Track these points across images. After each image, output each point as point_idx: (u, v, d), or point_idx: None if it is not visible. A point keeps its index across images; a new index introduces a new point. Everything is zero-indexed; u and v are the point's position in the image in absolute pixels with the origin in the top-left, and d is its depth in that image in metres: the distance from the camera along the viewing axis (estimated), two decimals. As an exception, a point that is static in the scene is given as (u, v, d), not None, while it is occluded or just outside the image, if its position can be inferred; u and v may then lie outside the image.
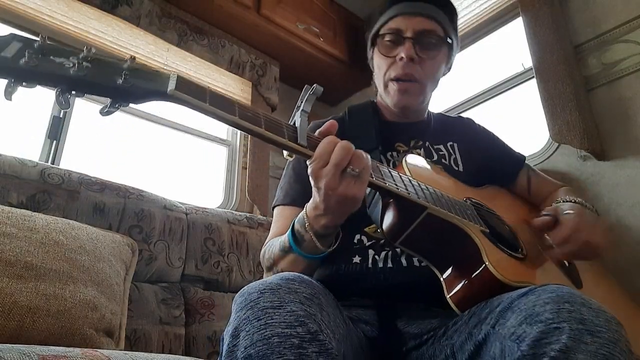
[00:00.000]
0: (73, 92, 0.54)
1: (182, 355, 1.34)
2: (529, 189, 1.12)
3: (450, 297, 0.73)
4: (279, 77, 2.36)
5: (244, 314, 0.56)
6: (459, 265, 0.74)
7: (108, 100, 0.56)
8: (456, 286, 0.73)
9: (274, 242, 0.85)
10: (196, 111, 0.59)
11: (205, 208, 1.70)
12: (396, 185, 0.70)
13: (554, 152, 1.66)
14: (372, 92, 1.15)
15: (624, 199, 1.46)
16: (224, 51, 2.15)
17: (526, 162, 1.15)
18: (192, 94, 0.58)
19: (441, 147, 1.04)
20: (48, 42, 0.53)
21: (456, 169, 1.01)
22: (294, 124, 0.68)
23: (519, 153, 1.17)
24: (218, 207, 1.99)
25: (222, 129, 2.33)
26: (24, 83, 0.51)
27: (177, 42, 1.99)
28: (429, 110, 1.13)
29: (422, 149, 1.02)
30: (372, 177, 0.68)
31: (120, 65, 0.56)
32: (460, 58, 2.21)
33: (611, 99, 1.57)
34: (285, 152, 0.67)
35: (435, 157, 1.01)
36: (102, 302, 1.06)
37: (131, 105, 0.57)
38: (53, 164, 1.55)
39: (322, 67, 2.40)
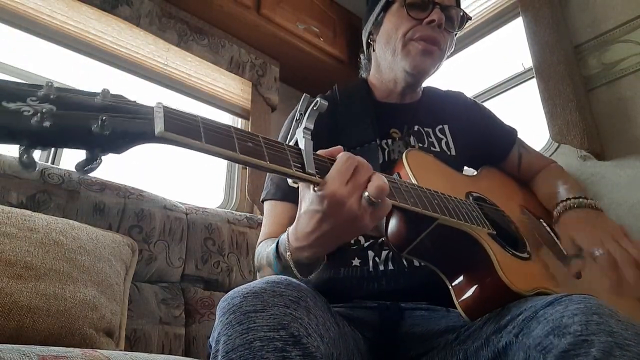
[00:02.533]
0: (39, 148, 0.42)
1: (182, 355, 1.34)
2: (519, 167, 1.10)
3: (459, 303, 0.72)
4: (279, 77, 2.36)
5: (227, 318, 0.55)
6: (468, 272, 0.73)
7: (83, 153, 0.44)
8: (466, 294, 0.72)
9: (264, 250, 0.80)
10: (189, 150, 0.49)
11: (205, 208, 1.69)
12: (406, 199, 0.66)
13: (554, 152, 1.66)
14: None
15: (624, 199, 1.46)
16: (224, 51, 2.15)
17: (518, 137, 1.13)
18: (184, 131, 0.47)
19: (430, 131, 1.01)
20: None
21: (449, 153, 0.99)
22: (296, 143, 0.60)
23: (510, 127, 1.14)
24: (218, 207, 1.99)
25: (222, 129, 2.32)
26: None
27: (177, 42, 1.99)
28: (423, 88, 1.10)
29: (413, 136, 0.99)
30: None
31: (91, 102, 0.44)
32: (461, 58, 2.21)
33: (611, 99, 1.57)
34: (290, 180, 0.59)
35: (426, 144, 0.98)
36: (102, 302, 1.06)
37: (111, 155, 0.46)
38: (53, 164, 1.55)
39: (322, 67, 2.40)
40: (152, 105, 0.48)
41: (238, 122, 2.33)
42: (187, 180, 2.13)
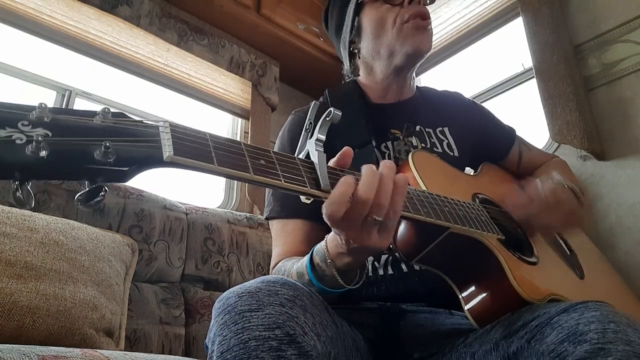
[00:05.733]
0: (33, 180, 0.37)
1: (182, 355, 1.34)
2: (518, 165, 1.10)
3: (468, 310, 0.72)
4: (279, 77, 2.36)
5: (222, 319, 0.55)
6: (479, 280, 0.72)
7: (84, 184, 0.40)
8: (475, 301, 0.71)
9: (289, 269, 0.77)
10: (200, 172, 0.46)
11: (205, 208, 1.70)
12: (419, 209, 0.63)
13: (554, 152, 1.66)
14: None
15: (624, 199, 1.46)
16: (224, 51, 2.15)
17: (517, 135, 1.13)
18: (195, 154, 0.44)
19: (432, 132, 1.00)
20: None
21: (451, 154, 0.98)
22: (307, 155, 0.58)
23: (509, 127, 1.13)
24: (218, 207, 1.99)
25: (221, 127, 2.33)
26: None
27: (177, 42, 1.99)
28: (418, 87, 1.09)
29: (415, 136, 0.97)
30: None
31: (91, 124, 0.39)
32: (460, 58, 2.21)
33: (611, 99, 1.57)
34: (303, 197, 0.57)
35: (428, 145, 0.98)
36: (102, 302, 1.06)
37: (115, 184, 0.42)
38: (53, 164, 1.55)
39: (322, 67, 2.40)
40: (157, 123, 0.44)
41: (238, 122, 2.34)
42: (187, 180, 2.13)
